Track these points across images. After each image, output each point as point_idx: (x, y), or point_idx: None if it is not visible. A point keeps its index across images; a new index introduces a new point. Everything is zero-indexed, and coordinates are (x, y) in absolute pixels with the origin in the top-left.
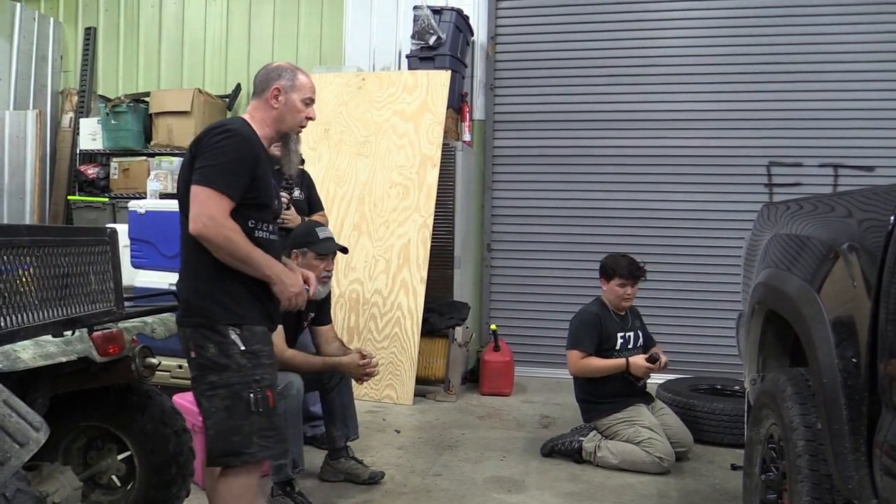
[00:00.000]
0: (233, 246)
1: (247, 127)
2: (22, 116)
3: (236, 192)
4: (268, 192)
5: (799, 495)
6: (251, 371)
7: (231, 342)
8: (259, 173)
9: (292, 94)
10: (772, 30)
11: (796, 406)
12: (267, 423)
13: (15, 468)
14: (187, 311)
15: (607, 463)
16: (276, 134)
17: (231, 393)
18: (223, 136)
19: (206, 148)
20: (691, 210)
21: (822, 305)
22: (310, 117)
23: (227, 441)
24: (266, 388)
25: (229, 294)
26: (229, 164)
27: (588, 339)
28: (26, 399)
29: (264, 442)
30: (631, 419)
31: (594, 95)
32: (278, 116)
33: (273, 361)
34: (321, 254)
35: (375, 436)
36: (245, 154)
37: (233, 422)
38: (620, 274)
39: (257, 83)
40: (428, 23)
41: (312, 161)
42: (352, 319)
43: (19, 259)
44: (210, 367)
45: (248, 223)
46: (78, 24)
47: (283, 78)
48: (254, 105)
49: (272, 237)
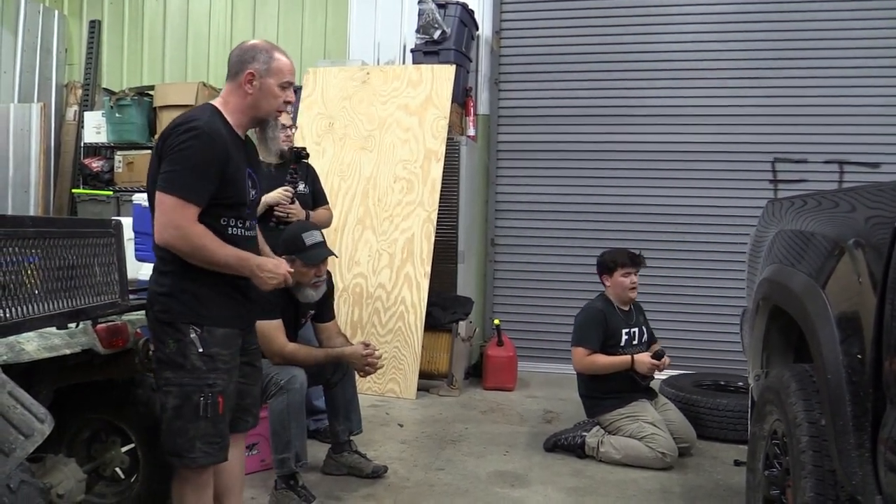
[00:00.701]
0: (203, 253)
1: (216, 119)
2: (26, 109)
3: (202, 197)
4: (240, 190)
5: (802, 491)
6: (205, 374)
7: (189, 342)
8: (229, 172)
9: (268, 79)
10: (777, 26)
11: (800, 402)
12: (213, 430)
13: (19, 459)
14: (151, 303)
15: (610, 458)
16: (252, 121)
17: (181, 393)
18: (189, 137)
19: (172, 150)
20: (696, 206)
21: (827, 301)
22: (288, 101)
23: (172, 441)
24: (218, 394)
25: (194, 294)
26: (195, 169)
27: (593, 335)
28: (31, 391)
29: (208, 448)
30: (634, 415)
31: (599, 91)
32: (253, 103)
33: (231, 366)
34: (307, 263)
35: (379, 430)
36: (212, 155)
37: (179, 423)
38: (622, 263)
39: (231, 64)
40: (433, 17)
41: (317, 155)
42: (355, 314)
43: (24, 251)
44: (167, 363)
45: (220, 221)
46: (82, 18)
47: (257, 60)
48: (227, 89)
49: (247, 233)
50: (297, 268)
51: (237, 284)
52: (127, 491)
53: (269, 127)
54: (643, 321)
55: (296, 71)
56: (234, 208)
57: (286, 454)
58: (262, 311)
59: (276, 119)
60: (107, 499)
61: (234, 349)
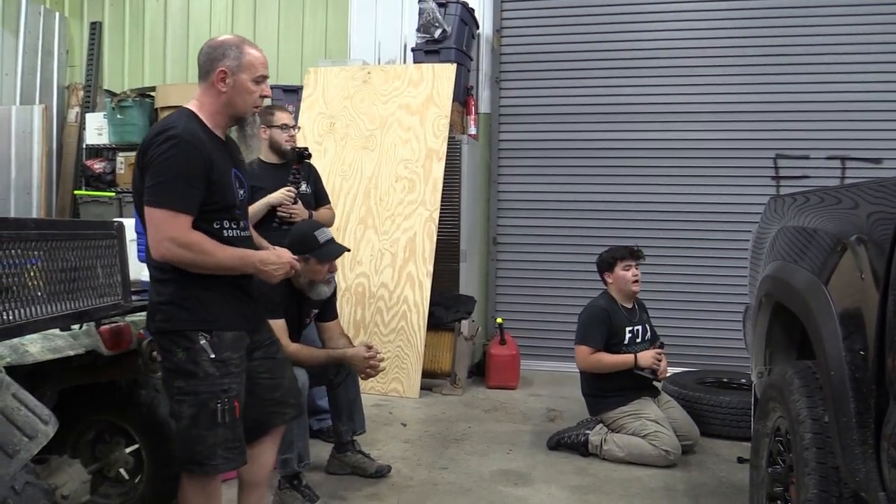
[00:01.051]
0: (204, 259)
1: (193, 123)
2: (28, 111)
3: (192, 205)
4: (228, 192)
5: (806, 488)
6: (219, 380)
7: (200, 349)
8: (214, 176)
9: (241, 75)
10: (779, 21)
11: (803, 399)
12: (232, 435)
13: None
14: (153, 315)
15: (613, 456)
16: (229, 120)
17: (197, 402)
18: (168, 146)
19: (153, 162)
20: (698, 203)
21: (829, 298)
22: (264, 96)
23: (190, 449)
24: (233, 399)
25: (198, 299)
26: (179, 178)
27: (597, 334)
28: (35, 392)
29: (228, 454)
30: (637, 412)
31: (600, 88)
32: (228, 101)
33: (242, 369)
34: (323, 260)
35: (382, 429)
36: (194, 162)
37: (197, 431)
38: (622, 257)
39: (201, 64)
40: (433, 16)
41: (319, 155)
42: (358, 313)
43: (27, 253)
44: (177, 372)
45: (214, 225)
46: (83, 19)
47: (227, 57)
48: (200, 90)
49: (243, 233)
50: (312, 266)
51: (239, 284)
52: (131, 492)
53: (248, 124)
54: (646, 319)
55: (268, 63)
56: (226, 211)
57: (289, 454)
58: (265, 310)
59: (253, 115)
60: (111, 499)
61: (243, 351)
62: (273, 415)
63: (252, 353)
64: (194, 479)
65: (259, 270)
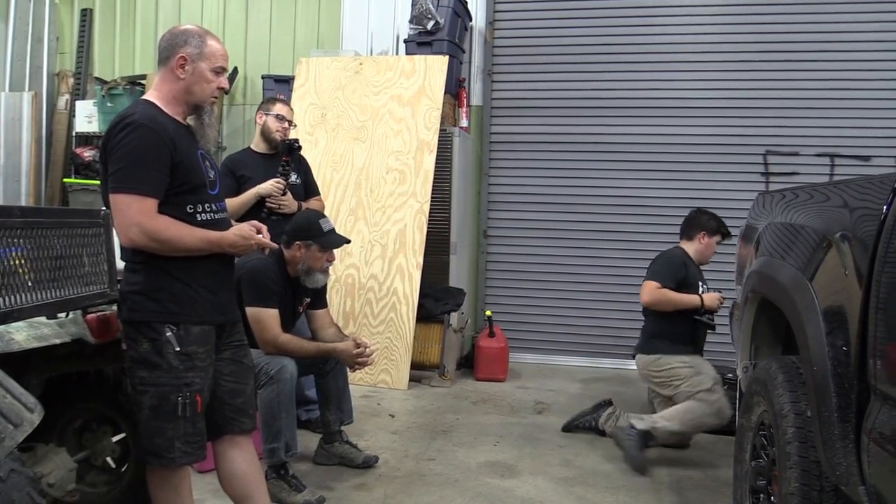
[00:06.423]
0: (172, 244)
1: (151, 110)
2: (18, 98)
3: (157, 188)
4: (195, 172)
5: (788, 481)
6: (183, 374)
7: (166, 341)
8: (178, 157)
9: (200, 63)
10: (769, 18)
11: (787, 394)
12: (192, 429)
13: (9, 449)
14: (122, 302)
15: (666, 432)
16: (187, 107)
17: (158, 393)
18: (126, 132)
19: (113, 151)
20: (688, 198)
21: (814, 294)
22: (222, 87)
23: (150, 441)
24: (196, 393)
25: (168, 290)
26: (140, 161)
27: (670, 275)
28: (21, 381)
29: (187, 448)
30: (698, 367)
31: (592, 82)
32: (186, 88)
33: (208, 363)
34: (326, 248)
35: (370, 420)
36: (154, 144)
37: (157, 423)
38: (725, 234)
39: (161, 49)
40: (426, 7)
41: (309, 146)
42: (347, 304)
43: (12, 240)
44: (141, 363)
45: (187, 209)
46: (74, 6)
47: (189, 45)
48: (160, 77)
49: (217, 216)
50: (313, 252)
51: (216, 272)
52: (118, 480)
53: (206, 113)
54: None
55: (229, 56)
56: (196, 192)
57: (276, 444)
58: (258, 299)
59: (211, 105)
60: (97, 488)
61: (210, 346)
62: (231, 421)
63: (221, 351)
64: (156, 472)
65: (230, 248)
